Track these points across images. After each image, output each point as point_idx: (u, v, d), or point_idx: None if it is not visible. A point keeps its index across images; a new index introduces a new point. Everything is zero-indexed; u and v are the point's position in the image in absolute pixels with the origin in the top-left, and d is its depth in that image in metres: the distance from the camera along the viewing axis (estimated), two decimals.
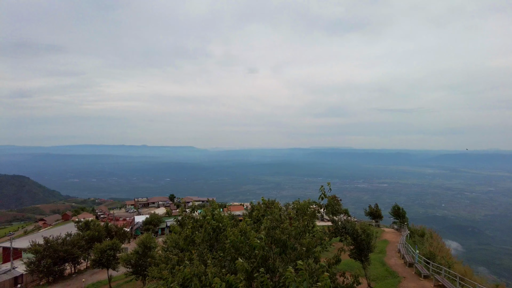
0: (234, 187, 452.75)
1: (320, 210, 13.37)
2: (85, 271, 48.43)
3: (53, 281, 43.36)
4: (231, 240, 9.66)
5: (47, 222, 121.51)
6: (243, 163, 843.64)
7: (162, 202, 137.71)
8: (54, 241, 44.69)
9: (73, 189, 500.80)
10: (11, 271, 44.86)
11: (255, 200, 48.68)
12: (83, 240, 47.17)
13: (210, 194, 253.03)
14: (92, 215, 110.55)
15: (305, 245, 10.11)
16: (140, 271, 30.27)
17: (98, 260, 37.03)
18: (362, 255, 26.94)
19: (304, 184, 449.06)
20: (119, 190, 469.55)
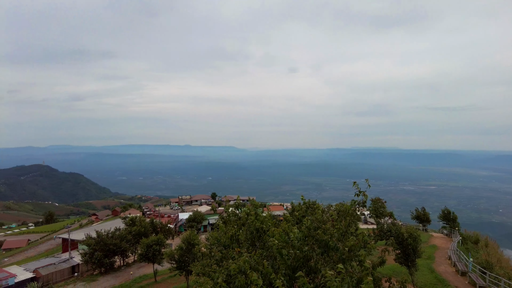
0: (273, 187, 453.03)
1: (364, 212, 13.00)
2: (133, 264, 51.05)
3: (105, 272, 46.22)
4: (275, 238, 9.71)
5: (99, 217, 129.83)
6: (282, 163, 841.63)
7: (205, 200, 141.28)
8: (104, 235, 47.62)
9: (121, 186, 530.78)
10: (69, 260, 48.58)
11: (295, 201, 48.35)
12: (130, 235, 49.73)
13: (250, 193, 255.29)
14: (139, 212, 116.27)
15: (348, 246, 9.89)
16: (184, 267, 31.34)
17: (145, 255, 38.89)
18: (408, 260, 25.74)
19: (346, 186, 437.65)
20: (164, 188, 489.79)
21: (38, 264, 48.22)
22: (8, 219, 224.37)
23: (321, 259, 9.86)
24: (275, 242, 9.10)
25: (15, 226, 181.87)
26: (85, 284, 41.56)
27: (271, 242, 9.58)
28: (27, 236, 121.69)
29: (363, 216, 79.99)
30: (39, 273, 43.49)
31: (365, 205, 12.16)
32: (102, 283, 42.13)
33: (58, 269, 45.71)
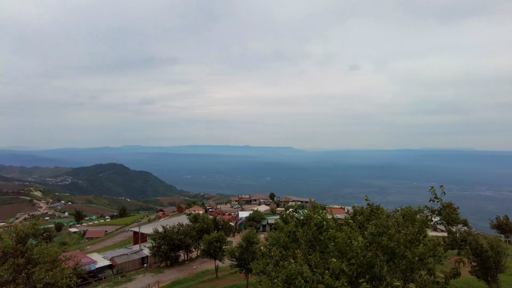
0: (333, 189, 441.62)
1: (433, 218, 11.93)
2: (196, 259, 53.50)
3: (170, 265, 49.14)
4: (336, 242, 9.43)
5: (166, 213, 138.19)
6: (343, 164, 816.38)
7: (263, 200, 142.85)
8: (170, 230, 50.58)
9: (186, 184, 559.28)
10: (139, 252, 52.56)
11: (357, 204, 46.57)
12: (194, 231, 52.17)
13: (308, 195, 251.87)
14: (202, 209, 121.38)
15: (416, 254, 9.19)
16: (244, 265, 31.99)
17: (207, 250, 40.51)
18: (488, 275, 23.04)
19: (413, 190, 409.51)
20: (225, 187, 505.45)
21: (113, 253, 52.93)
22: (89, 211, 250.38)
23: (386, 266, 9.32)
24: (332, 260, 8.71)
25: (94, 218, 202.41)
26: (153, 275, 44.58)
27: (331, 246, 9.32)
28: (104, 228, 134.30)
29: (432, 222, 74.13)
30: (114, 262, 47.74)
31: (441, 213, 11.28)
32: (168, 275, 44.83)
33: (130, 259, 49.73)
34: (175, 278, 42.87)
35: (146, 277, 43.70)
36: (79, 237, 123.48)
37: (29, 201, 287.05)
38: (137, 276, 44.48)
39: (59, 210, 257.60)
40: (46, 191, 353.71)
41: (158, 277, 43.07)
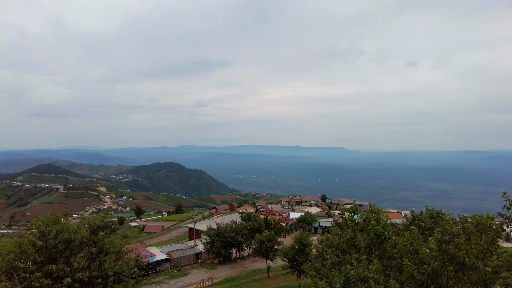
0: (389, 192, 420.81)
1: (505, 227, 10.75)
2: (247, 258, 54.28)
3: (223, 262, 50.44)
4: (398, 248, 8.94)
5: (218, 210, 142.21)
6: (399, 166, 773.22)
7: (315, 201, 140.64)
8: (223, 227, 51.90)
9: (237, 183, 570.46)
10: (194, 247, 54.69)
11: (416, 209, 43.77)
12: (245, 229, 52.99)
13: (362, 198, 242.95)
14: (253, 208, 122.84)
15: (491, 266, 8.36)
16: (296, 266, 31.76)
17: (258, 249, 40.91)
18: None
19: (479, 195, 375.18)
20: (275, 187, 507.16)
21: (170, 248, 55.70)
22: (148, 207, 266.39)
23: (454, 277, 8.62)
24: (406, 262, 8.23)
25: (153, 213, 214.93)
26: (207, 271, 46.10)
27: (396, 254, 8.82)
28: (161, 223, 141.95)
29: (504, 232, 67.18)
30: (171, 256, 50.22)
31: (510, 219, 10.16)
32: (220, 271, 46.06)
33: (186, 255, 51.94)
34: (227, 275, 43.89)
35: (200, 273, 45.30)
36: (139, 231, 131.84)
37: (96, 196, 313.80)
38: (192, 271, 46.30)
39: (121, 205, 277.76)
40: (111, 187, 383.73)
41: (211, 273, 44.43)
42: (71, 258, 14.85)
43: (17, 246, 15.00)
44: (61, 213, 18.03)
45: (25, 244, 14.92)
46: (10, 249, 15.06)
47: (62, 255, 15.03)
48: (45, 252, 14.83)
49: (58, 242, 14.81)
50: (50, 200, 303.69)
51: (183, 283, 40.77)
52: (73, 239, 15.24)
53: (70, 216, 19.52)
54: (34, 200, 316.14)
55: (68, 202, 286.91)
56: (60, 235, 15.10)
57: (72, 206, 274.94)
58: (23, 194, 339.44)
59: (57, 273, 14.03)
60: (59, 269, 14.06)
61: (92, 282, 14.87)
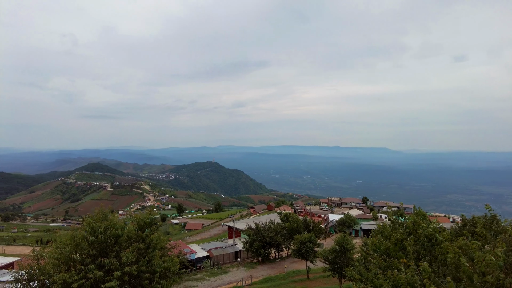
0: (435, 195, 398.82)
1: None
2: (286, 258, 53.94)
3: (262, 262, 50.54)
4: (451, 255, 8.32)
5: (256, 210, 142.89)
6: (447, 168, 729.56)
7: (355, 203, 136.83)
8: (262, 227, 51.98)
9: (275, 183, 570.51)
10: (233, 246, 55.37)
11: (466, 213, 41.01)
12: (284, 230, 52.68)
13: (406, 200, 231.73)
14: (291, 209, 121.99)
15: None
16: (337, 269, 30.99)
17: (298, 250, 40.46)
18: None
19: None
20: (313, 188, 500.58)
21: (210, 245, 56.85)
22: (189, 205, 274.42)
23: None
24: (466, 268, 7.63)
25: (193, 211, 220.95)
26: (246, 270, 46.46)
27: (450, 260, 8.19)
28: (201, 221, 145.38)
29: None
30: (211, 254, 51.22)
31: None
32: (259, 271, 46.18)
33: (225, 253, 52.73)
34: (266, 275, 43.89)
35: (239, 271, 45.76)
36: (180, 228, 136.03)
37: (140, 193, 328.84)
38: (231, 269, 46.90)
39: (163, 203, 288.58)
40: (154, 185, 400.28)
41: (250, 272, 44.71)
42: (121, 253, 15.67)
43: (72, 240, 16.16)
44: (108, 210, 19.04)
45: (79, 238, 16.04)
46: (67, 242, 16.27)
47: (112, 250, 15.94)
48: (96, 246, 15.81)
49: (107, 237, 15.70)
50: (99, 197, 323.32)
51: (223, 280, 41.38)
52: (121, 234, 16.08)
53: (116, 213, 20.59)
54: (85, 197, 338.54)
55: (115, 199, 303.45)
56: (109, 231, 15.97)
57: (118, 203, 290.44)
58: (76, 191, 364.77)
59: (109, 266, 14.89)
60: (110, 263, 14.91)
61: (140, 277, 15.61)
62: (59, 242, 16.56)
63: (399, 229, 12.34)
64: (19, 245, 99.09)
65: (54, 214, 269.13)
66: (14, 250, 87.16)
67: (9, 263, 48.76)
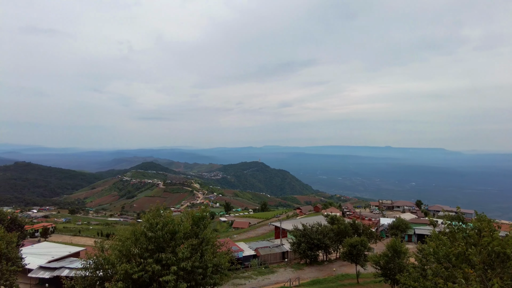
0: (500, 200, 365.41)
1: None
2: (335, 261, 52.75)
3: (310, 263, 49.93)
4: None
5: (303, 211, 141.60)
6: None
7: (408, 207, 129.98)
8: (309, 228, 51.34)
9: (321, 184, 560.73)
10: (280, 246, 55.38)
11: None
12: (332, 232, 51.56)
13: (466, 205, 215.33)
14: (339, 211, 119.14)
15: None
16: (390, 275, 29.69)
17: (347, 254, 39.39)
18: None
19: None
20: (362, 190, 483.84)
21: (257, 244, 57.38)
22: (236, 204, 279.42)
23: None
24: None
25: (240, 210, 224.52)
26: (293, 271, 46.22)
27: None
28: (248, 220, 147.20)
29: None
30: (258, 253, 51.69)
31: None
32: (307, 273, 45.66)
33: (272, 252, 52.91)
34: (314, 277, 43.30)
35: (287, 272, 45.65)
36: (227, 226, 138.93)
37: (190, 191, 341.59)
38: (278, 269, 46.96)
39: (212, 201, 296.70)
40: (203, 184, 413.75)
41: (298, 273, 44.39)
42: (177, 248, 16.52)
43: (132, 234, 17.36)
44: (163, 207, 20.14)
45: (139, 233, 17.19)
46: (128, 236, 17.53)
47: (168, 245, 16.87)
48: (154, 241, 16.80)
49: (164, 233, 16.64)
50: (152, 194, 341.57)
51: (270, 280, 41.56)
52: (177, 230, 16.96)
53: (168, 209, 21.76)
54: (139, 194, 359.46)
55: (167, 197, 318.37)
56: (166, 227, 16.92)
57: (170, 200, 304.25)
58: (131, 188, 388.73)
59: (166, 261, 15.77)
60: (167, 257, 15.80)
61: (194, 272, 16.31)
62: (121, 235, 17.91)
63: (460, 237, 11.49)
64: (83, 236, 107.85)
65: (112, 209, 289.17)
66: (79, 241, 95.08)
67: (76, 252, 53.39)
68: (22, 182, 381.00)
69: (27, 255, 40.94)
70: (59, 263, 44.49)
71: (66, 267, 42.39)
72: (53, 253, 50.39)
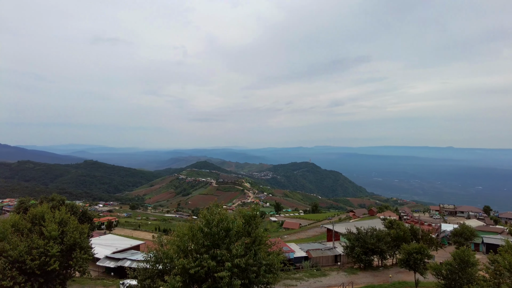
0: None
1: None
2: (391, 268, 50.13)
3: (364, 268, 48.02)
4: None
5: (356, 214, 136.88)
6: None
7: (474, 213, 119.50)
8: (364, 232, 49.37)
9: (376, 187, 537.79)
10: (333, 249, 54.06)
11: None
12: (388, 237, 49.04)
13: None
14: (396, 215, 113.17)
15: None
16: (454, 286, 27.39)
17: (405, 261, 37.18)
18: None
19: None
20: (421, 193, 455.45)
21: (309, 246, 56.64)
22: (286, 204, 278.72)
23: None
24: None
25: (290, 210, 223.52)
26: (346, 275, 44.81)
27: None
28: (298, 221, 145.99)
29: None
30: (310, 254, 50.97)
31: None
32: (361, 278, 43.97)
33: (324, 255, 51.84)
34: (368, 283, 41.59)
35: (339, 276, 44.41)
36: (278, 226, 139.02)
37: (241, 190, 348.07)
38: (331, 272, 45.85)
39: (262, 200, 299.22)
40: (253, 183, 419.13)
41: (351, 278, 42.97)
42: (231, 246, 16.90)
43: (190, 230, 18.12)
44: (221, 204, 20.74)
45: (196, 229, 17.88)
46: (185, 231, 18.34)
47: (223, 242, 17.33)
48: (210, 237, 17.35)
49: (220, 230, 17.10)
50: (205, 192, 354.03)
51: (322, 283, 40.73)
52: (231, 228, 17.35)
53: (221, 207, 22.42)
54: (194, 191, 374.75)
55: (219, 195, 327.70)
56: (221, 224, 17.38)
57: (222, 198, 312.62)
58: (186, 186, 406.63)
59: (220, 257, 16.21)
60: (222, 254, 16.24)
61: (248, 270, 16.54)
62: (178, 231, 18.79)
63: None
64: (142, 230, 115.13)
65: (169, 206, 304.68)
66: (139, 235, 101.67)
67: (137, 245, 57.18)
68: (90, 178, 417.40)
69: (95, 245, 44.60)
70: (122, 255, 47.94)
71: (128, 258, 45.56)
72: (117, 245, 54.48)
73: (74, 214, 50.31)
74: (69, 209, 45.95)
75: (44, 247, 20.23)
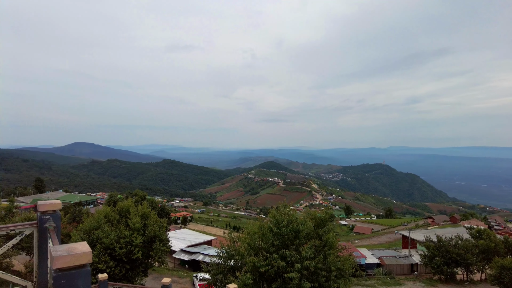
0: None
1: None
2: (479, 283, 44.89)
3: (445, 281, 43.80)
4: None
5: (435, 221, 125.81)
6: None
7: None
8: (446, 241, 45.02)
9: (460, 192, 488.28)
10: (409, 257, 50.39)
11: None
12: (476, 248, 44.02)
13: None
14: (484, 224, 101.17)
15: None
16: None
17: (498, 277, 32.99)
18: None
19: None
20: None
21: (382, 253, 53.58)
22: (356, 207, 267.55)
23: None
24: None
25: (361, 214, 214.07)
26: (423, 286, 41.35)
27: None
28: (370, 225, 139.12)
29: None
30: (383, 261, 48.21)
31: None
32: None
33: (399, 263, 48.57)
34: None
35: (416, 286, 41.26)
36: (348, 230, 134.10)
37: (309, 191, 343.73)
38: (406, 282, 42.80)
39: (331, 203, 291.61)
40: (321, 184, 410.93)
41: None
42: (300, 247, 16.77)
43: (260, 229, 18.44)
44: (289, 205, 20.75)
45: (265, 228, 18.14)
46: (255, 230, 18.72)
47: (292, 243, 17.26)
48: (279, 238, 17.43)
49: (289, 230, 17.09)
50: (273, 192, 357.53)
51: None
52: (301, 229, 17.21)
53: (288, 207, 22.35)
54: (262, 190, 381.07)
55: (286, 195, 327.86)
56: (290, 225, 17.35)
57: (289, 198, 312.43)
58: (254, 185, 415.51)
59: (290, 258, 16.18)
60: (291, 255, 16.20)
61: (317, 273, 16.24)
62: (249, 229, 19.26)
63: None
64: (214, 226, 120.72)
65: (238, 203, 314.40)
66: (211, 230, 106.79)
67: (209, 240, 60.20)
68: (168, 176, 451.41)
69: (172, 238, 48.01)
70: (196, 249, 50.84)
71: (201, 252, 48.15)
72: (191, 239, 57.98)
73: (154, 209, 54.86)
74: (150, 204, 50.26)
75: (130, 237, 22.38)
